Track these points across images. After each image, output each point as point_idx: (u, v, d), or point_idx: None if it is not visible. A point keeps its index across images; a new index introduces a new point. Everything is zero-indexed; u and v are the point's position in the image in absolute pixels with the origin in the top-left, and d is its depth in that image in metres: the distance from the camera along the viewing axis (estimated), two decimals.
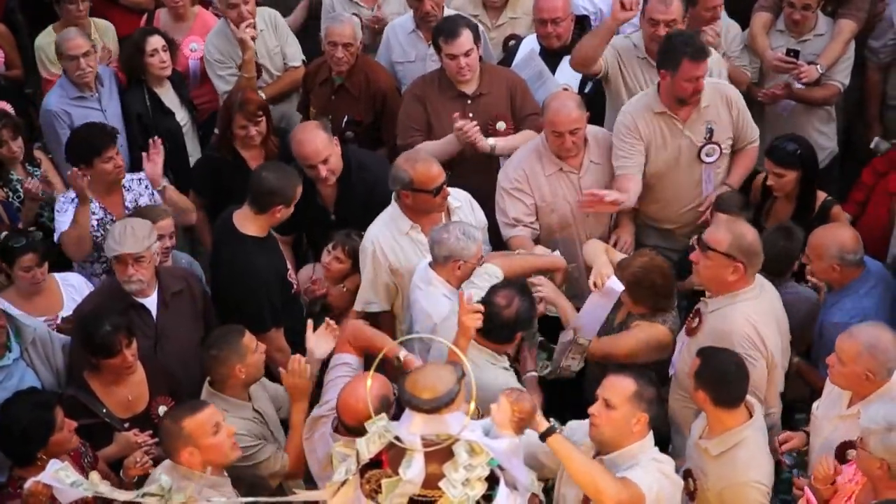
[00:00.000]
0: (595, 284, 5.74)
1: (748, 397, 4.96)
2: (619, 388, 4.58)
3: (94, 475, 4.38)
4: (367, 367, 4.91)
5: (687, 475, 5.03)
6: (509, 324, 5.20)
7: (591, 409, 4.58)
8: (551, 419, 4.58)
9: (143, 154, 6.62)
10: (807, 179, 6.29)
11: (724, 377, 4.88)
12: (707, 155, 6.44)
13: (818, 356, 5.64)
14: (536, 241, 6.40)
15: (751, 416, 4.94)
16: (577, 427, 4.82)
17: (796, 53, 7.01)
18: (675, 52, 6.17)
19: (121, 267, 5.68)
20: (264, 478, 5.24)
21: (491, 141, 6.60)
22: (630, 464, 4.52)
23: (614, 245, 6.33)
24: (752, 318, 5.28)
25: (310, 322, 5.51)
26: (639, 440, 4.58)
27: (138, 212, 6.23)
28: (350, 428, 4.60)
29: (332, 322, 5.43)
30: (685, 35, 6.30)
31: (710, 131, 6.40)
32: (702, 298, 5.45)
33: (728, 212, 6.01)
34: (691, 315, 5.47)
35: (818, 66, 7.02)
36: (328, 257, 6.35)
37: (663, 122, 6.39)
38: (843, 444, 4.91)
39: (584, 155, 6.34)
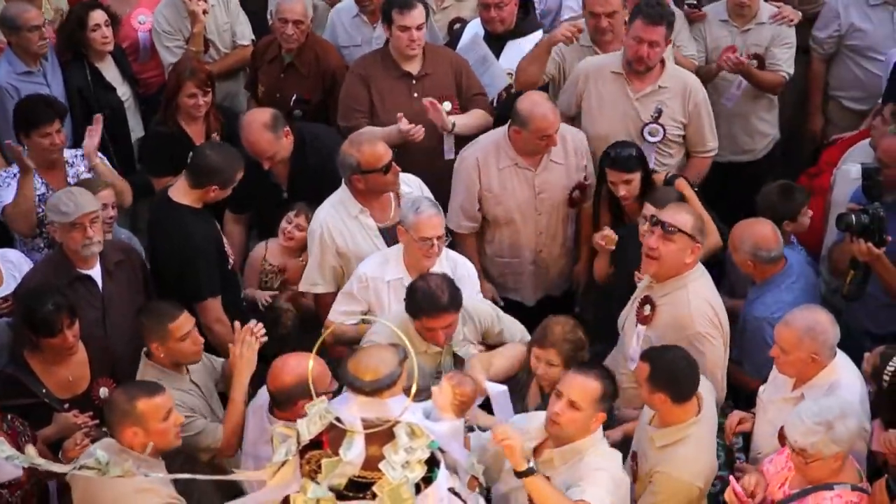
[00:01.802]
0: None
1: (699, 390, 4.99)
2: (586, 390, 4.59)
3: (31, 448, 4.35)
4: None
5: (633, 458, 5.11)
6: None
7: (554, 408, 4.56)
8: (531, 461, 4.54)
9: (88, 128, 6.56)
10: (645, 173, 6.25)
11: (678, 375, 4.90)
12: (650, 134, 6.47)
13: (742, 351, 5.70)
14: (481, 230, 6.44)
15: (699, 409, 4.97)
16: (521, 418, 4.85)
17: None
18: (635, 11, 6.29)
19: (78, 232, 5.62)
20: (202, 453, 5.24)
21: (451, 119, 6.61)
22: (577, 459, 4.58)
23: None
24: (706, 295, 5.34)
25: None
26: (592, 435, 4.64)
27: (79, 183, 6.17)
28: (275, 396, 4.68)
29: None
30: None
31: (659, 112, 6.45)
32: (648, 285, 5.46)
33: (663, 205, 5.93)
34: (640, 302, 5.46)
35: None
36: (289, 226, 6.35)
37: (617, 84, 6.45)
38: (785, 431, 4.95)
39: (545, 154, 6.33)
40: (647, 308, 5.42)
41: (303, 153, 6.46)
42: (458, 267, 5.82)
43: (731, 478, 4.75)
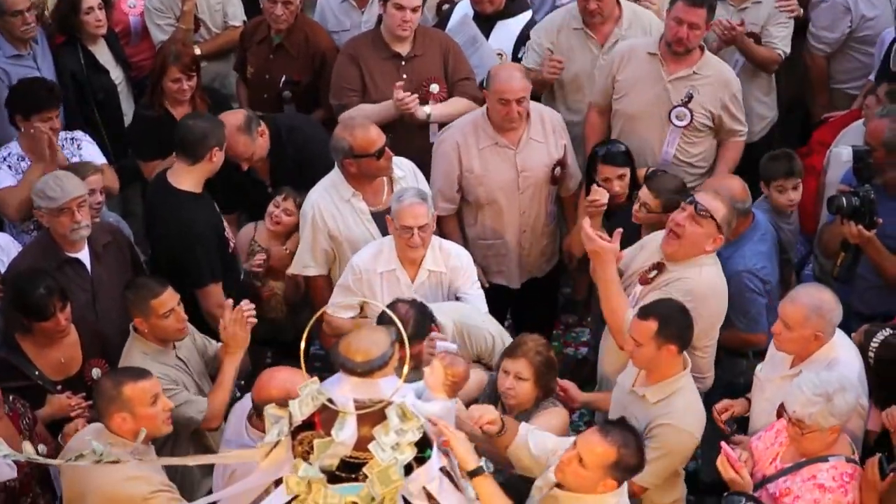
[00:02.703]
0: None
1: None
2: (595, 451, 4.32)
3: (27, 445, 4.37)
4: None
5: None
6: None
7: (563, 456, 4.40)
8: (483, 459, 4.30)
9: None
10: (632, 169, 6.33)
11: (684, 324, 4.94)
12: (677, 118, 6.47)
13: (731, 312, 5.64)
14: (459, 212, 6.44)
15: (685, 366, 5.03)
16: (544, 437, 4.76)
17: None
18: None
19: (65, 217, 5.61)
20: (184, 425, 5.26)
21: (427, 109, 6.61)
22: None
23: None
24: (715, 281, 5.35)
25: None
26: (601, 495, 4.38)
27: (68, 168, 6.16)
28: (257, 406, 4.68)
29: None
30: None
31: (690, 97, 6.44)
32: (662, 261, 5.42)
33: (661, 193, 5.97)
34: (651, 267, 5.43)
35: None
36: (277, 210, 6.35)
37: (652, 65, 6.46)
38: (784, 404, 4.99)
39: (524, 131, 6.33)
40: (654, 272, 5.41)
41: (281, 146, 6.46)
42: (450, 258, 5.81)
43: (723, 443, 4.77)
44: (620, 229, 5.37)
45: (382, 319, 4.80)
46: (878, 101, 6.41)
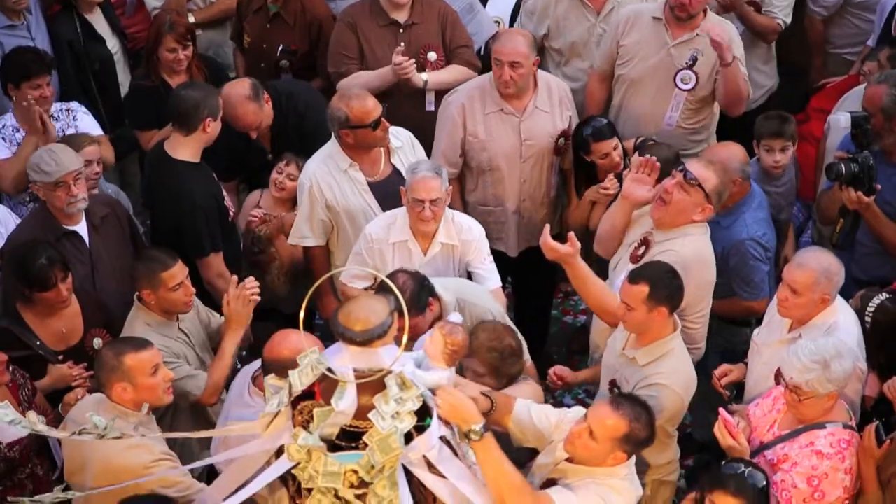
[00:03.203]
0: None
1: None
2: (605, 424, 4.31)
3: (32, 414, 4.39)
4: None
5: (612, 385, 5.16)
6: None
7: (573, 428, 4.38)
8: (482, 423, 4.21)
9: None
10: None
11: (673, 285, 4.96)
12: (682, 81, 6.44)
13: (733, 280, 5.75)
14: (461, 177, 6.43)
15: (675, 328, 5.05)
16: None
17: None
18: None
19: (62, 191, 5.60)
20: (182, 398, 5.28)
21: (424, 76, 6.59)
22: (586, 476, 4.36)
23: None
24: (703, 252, 5.35)
25: None
26: (611, 467, 4.37)
27: (64, 139, 6.15)
28: (267, 364, 4.70)
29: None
30: None
31: (695, 59, 6.42)
32: (649, 230, 5.45)
33: None
34: (638, 243, 5.46)
35: None
36: (280, 176, 6.35)
37: (656, 30, 6.44)
38: (780, 370, 5.02)
39: (531, 100, 6.32)
40: (643, 249, 5.43)
41: (280, 113, 6.45)
42: (463, 231, 5.78)
43: (721, 410, 4.80)
44: (571, 233, 5.33)
45: (382, 288, 4.81)
46: (881, 66, 6.39)
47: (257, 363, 5.08)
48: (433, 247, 5.72)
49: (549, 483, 4.44)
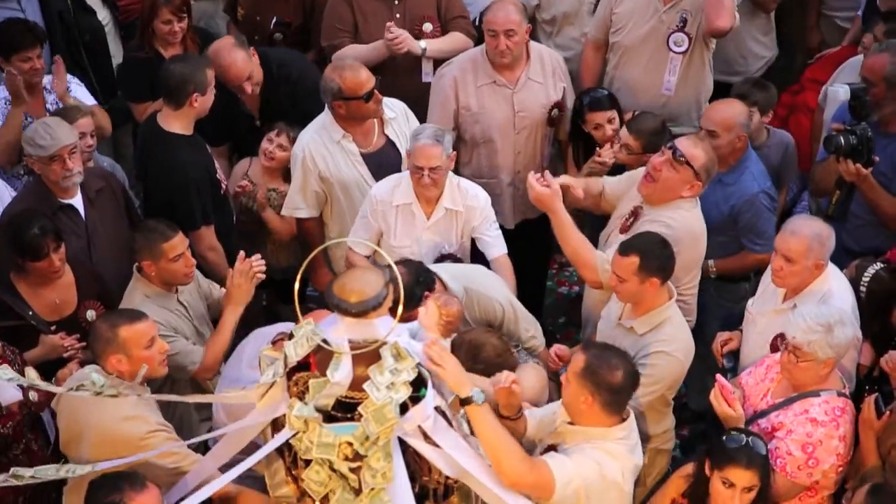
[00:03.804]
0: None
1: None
2: (575, 361, 4.33)
3: (31, 371, 4.40)
4: None
5: None
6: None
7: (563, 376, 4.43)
8: (477, 389, 4.15)
9: (54, 65, 6.47)
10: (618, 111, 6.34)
11: (664, 255, 4.98)
12: (675, 44, 6.42)
13: (746, 235, 5.78)
14: (455, 150, 6.40)
15: (670, 296, 5.08)
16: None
17: None
18: None
19: (58, 164, 5.58)
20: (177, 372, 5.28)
21: (422, 43, 6.56)
22: (582, 440, 4.31)
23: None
24: (692, 223, 5.36)
25: None
26: (607, 428, 4.31)
27: (57, 112, 6.13)
28: None
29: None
30: None
31: (684, 21, 6.40)
32: (641, 204, 5.46)
33: (642, 134, 5.99)
34: (628, 215, 5.47)
35: None
36: (271, 146, 6.33)
37: None
38: (778, 337, 5.05)
39: (523, 71, 6.30)
40: (631, 220, 5.43)
41: (272, 81, 6.41)
42: (468, 197, 5.77)
43: (719, 376, 4.82)
44: (550, 177, 5.39)
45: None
46: (877, 39, 6.37)
47: (273, 327, 5.07)
48: (437, 211, 5.72)
49: (549, 450, 4.44)
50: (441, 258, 5.75)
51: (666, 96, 6.49)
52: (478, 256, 5.94)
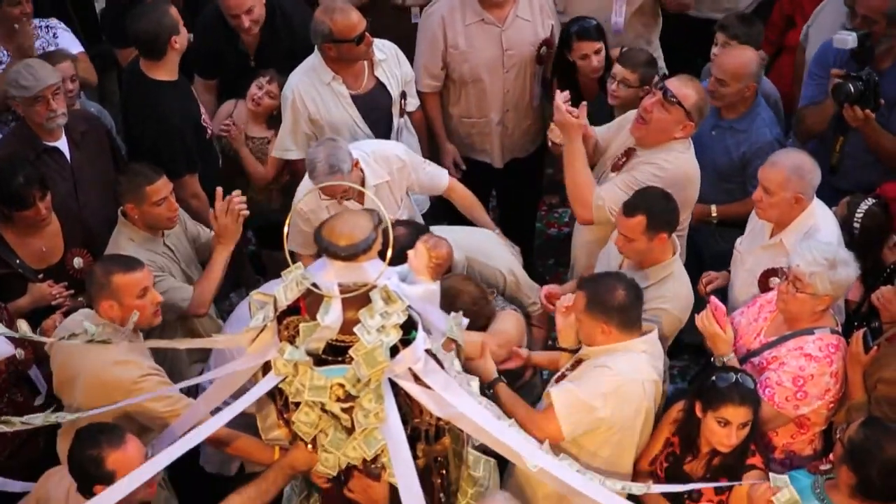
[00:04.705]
0: None
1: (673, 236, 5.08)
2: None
3: (23, 323, 4.40)
4: None
5: None
6: None
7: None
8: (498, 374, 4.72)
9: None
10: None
11: (669, 210, 4.98)
12: None
13: (741, 186, 5.78)
14: (446, 91, 6.38)
15: (674, 251, 5.07)
16: None
17: None
18: None
19: (41, 105, 5.55)
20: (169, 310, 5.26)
21: None
22: (602, 358, 4.58)
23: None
24: (685, 166, 5.32)
25: None
26: (629, 341, 4.59)
27: (42, 57, 6.05)
28: None
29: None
30: None
31: None
32: (634, 145, 5.41)
33: (637, 66, 5.95)
34: (621, 154, 5.43)
35: None
36: (259, 91, 6.28)
37: None
38: (765, 272, 5.08)
39: (512, 9, 6.25)
40: (624, 159, 5.41)
41: (273, 25, 6.35)
42: (389, 163, 5.59)
43: (713, 297, 4.86)
44: (584, 103, 5.36)
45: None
46: None
47: (272, 283, 5.06)
48: (368, 201, 5.27)
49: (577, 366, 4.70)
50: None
51: (617, 37, 6.42)
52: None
